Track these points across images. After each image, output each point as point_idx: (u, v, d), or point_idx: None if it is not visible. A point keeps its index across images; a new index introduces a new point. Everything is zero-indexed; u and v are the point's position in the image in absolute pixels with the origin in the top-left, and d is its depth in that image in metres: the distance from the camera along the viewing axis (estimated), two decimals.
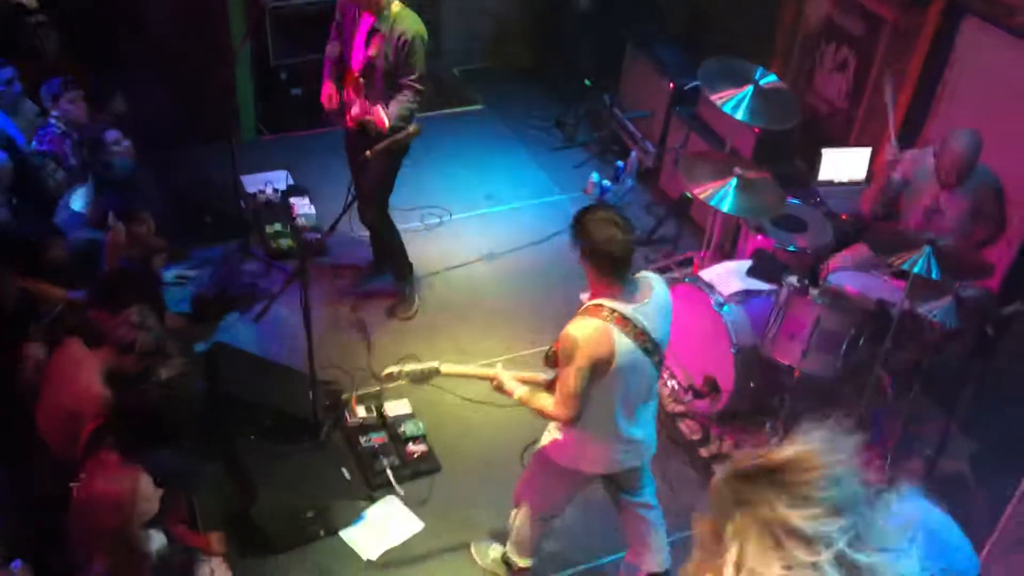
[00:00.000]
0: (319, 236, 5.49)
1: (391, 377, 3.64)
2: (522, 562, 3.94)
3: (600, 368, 3.18)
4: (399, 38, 4.50)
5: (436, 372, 3.61)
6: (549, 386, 3.48)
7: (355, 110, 4.79)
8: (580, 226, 3.22)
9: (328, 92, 4.85)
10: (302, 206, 5.92)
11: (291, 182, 6.17)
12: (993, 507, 4.28)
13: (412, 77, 4.59)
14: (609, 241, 3.15)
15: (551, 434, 3.58)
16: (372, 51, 4.58)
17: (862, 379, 4.46)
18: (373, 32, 4.57)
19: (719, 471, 1.65)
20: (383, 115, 4.64)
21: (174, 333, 4.78)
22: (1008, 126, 4.79)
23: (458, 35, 7.48)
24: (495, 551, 4.09)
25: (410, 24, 4.53)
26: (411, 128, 4.15)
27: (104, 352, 3.76)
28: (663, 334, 3.31)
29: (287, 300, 4.73)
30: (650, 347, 3.25)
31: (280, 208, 5.94)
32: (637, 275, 3.30)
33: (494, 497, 4.38)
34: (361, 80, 4.69)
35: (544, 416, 3.40)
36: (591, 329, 3.17)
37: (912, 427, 4.74)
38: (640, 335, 3.20)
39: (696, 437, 4.75)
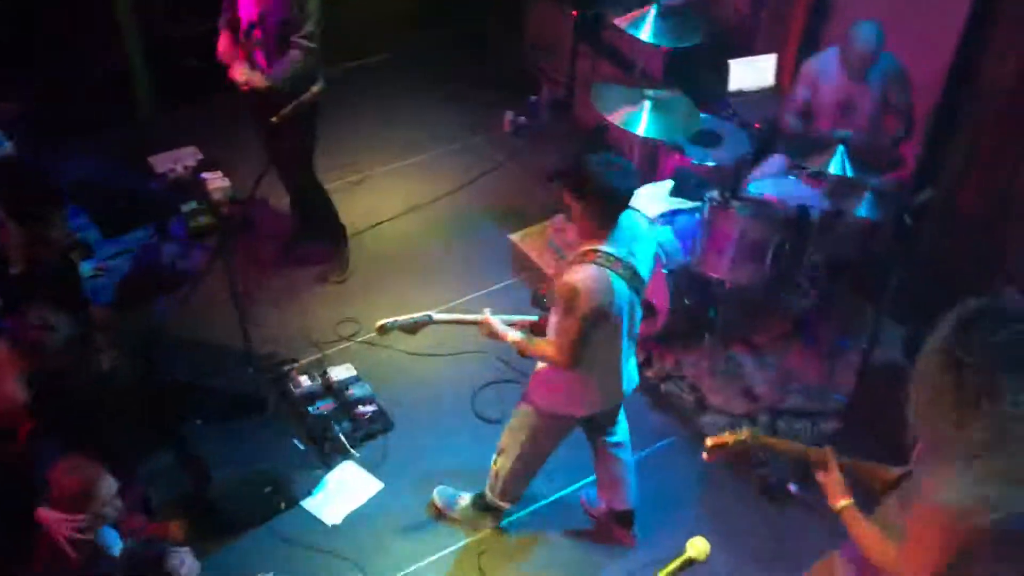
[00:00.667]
0: (237, 208, 5.36)
1: (384, 329, 3.57)
2: (503, 504, 3.97)
3: (602, 314, 3.20)
4: None
5: (429, 320, 3.57)
6: (535, 327, 3.51)
7: (235, 73, 4.47)
8: (585, 171, 3.15)
9: (223, 46, 4.51)
10: (215, 180, 5.76)
11: (201, 157, 6.00)
12: None
13: (302, 33, 4.34)
14: (615, 186, 3.12)
15: (540, 383, 3.57)
16: (261, 6, 4.33)
17: (792, 283, 4.56)
18: None
19: None
20: (260, 78, 4.39)
21: (102, 326, 4.69)
22: (907, 15, 4.85)
23: None
24: (463, 499, 4.12)
25: None
26: (315, 88, 4.02)
27: (19, 356, 3.67)
28: (648, 273, 3.35)
29: (214, 278, 4.64)
30: (639, 287, 3.29)
31: (193, 185, 5.77)
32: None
33: (449, 446, 4.42)
34: (250, 38, 4.41)
35: (544, 360, 3.42)
36: (591, 278, 3.16)
37: (844, 323, 4.88)
38: (633, 276, 3.23)
39: (640, 360, 4.81)
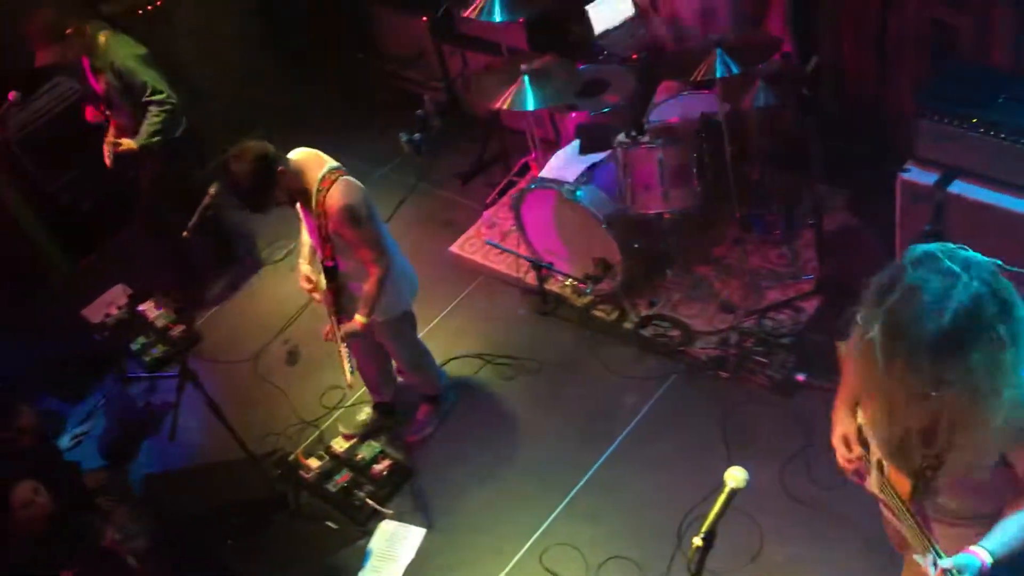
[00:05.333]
0: (185, 327, 5.37)
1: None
2: (440, 389, 4.58)
3: (373, 209, 3.77)
4: (112, 67, 4.78)
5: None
6: (334, 295, 3.87)
7: (109, 138, 5.09)
8: (248, 172, 3.56)
9: (90, 115, 5.12)
10: (152, 308, 5.74)
11: (130, 291, 5.93)
12: (885, 234, 4.54)
13: (147, 95, 4.82)
14: (265, 152, 3.59)
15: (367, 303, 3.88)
16: (102, 86, 4.90)
17: (726, 190, 4.64)
18: (95, 71, 4.87)
19: None
20: (128, 141, 4.94)
21: (103, 488, 4.66)
22: None
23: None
24: (364, 413, 4.59)
25: (119, 51, 4.78)
26: (211, 190, 4.05)
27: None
28: None
29: (191, 402, 4.61)
30: None
31: (134, 321, 5.73)
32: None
33: (469, 464, 4.46)
34: (108, 112, 5.02)
35: (380, 285, 3.77)
36: (348, 187, 3.68)
37: (787, 206, 4.97)
38: None
39: (615, 316, 4.88)
